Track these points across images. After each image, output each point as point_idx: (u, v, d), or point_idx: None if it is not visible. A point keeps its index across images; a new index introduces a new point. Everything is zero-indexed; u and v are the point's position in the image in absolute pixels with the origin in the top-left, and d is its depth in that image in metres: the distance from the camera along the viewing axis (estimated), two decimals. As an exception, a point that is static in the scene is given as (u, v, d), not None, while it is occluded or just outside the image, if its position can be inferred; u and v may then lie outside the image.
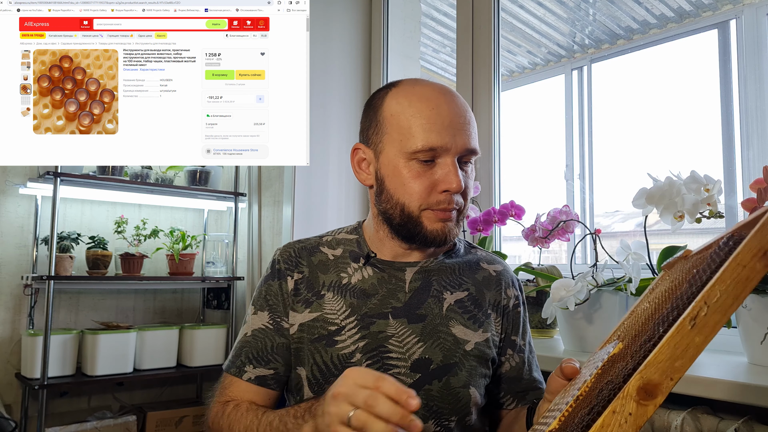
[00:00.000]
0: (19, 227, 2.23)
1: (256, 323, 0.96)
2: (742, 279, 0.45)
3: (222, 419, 0.88)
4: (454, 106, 0.88)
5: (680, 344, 0.45)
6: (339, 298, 0.93)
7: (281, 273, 0.96)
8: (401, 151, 0.87)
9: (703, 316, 0.45)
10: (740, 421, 0.98)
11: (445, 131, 0.85)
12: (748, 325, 1.09)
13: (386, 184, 0.90)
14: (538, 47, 2.45)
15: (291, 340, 0.93)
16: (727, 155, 1.61)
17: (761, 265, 0.46)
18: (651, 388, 0.45)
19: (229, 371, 0.95)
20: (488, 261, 1.03)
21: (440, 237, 0.89)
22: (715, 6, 1.82)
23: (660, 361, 0.45)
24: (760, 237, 0.46)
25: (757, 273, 0.45)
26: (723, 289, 0.45)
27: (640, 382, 0.45)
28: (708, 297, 0.46)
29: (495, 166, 1.87)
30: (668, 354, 0.45)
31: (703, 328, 0.45)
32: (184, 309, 2.70)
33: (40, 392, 1.92)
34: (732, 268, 0.46)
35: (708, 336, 0.45)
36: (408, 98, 0.88)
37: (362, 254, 0.96)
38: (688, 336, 0.45)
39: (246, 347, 0.94)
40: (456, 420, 0.89)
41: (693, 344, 0.45)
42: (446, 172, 0.86)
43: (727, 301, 0.45)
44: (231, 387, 0.93)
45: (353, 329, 0.90)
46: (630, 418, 0.44)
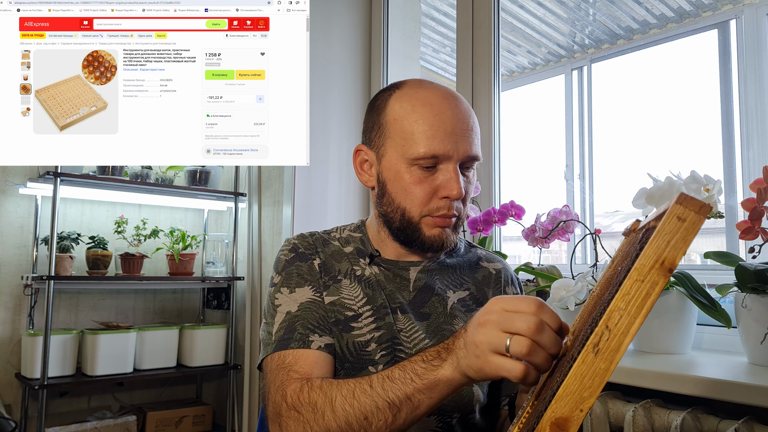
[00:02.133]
0: (19, 227, 2.23)
1: (299, 299, 0.89)
2: (642, 295, 0.45)
3: (312, 392, 0.74)
4: (458, 112, 0.87)
5: (586, 374, 0.45)
6: (356, 285, 0.93)
7: (305, 255, 0.94)
8: (403, 156, 0.87)
9: (606, 341, 0.45)
10: (740, 421, 0.98)
11: (447, 138, 0.85)
12: (748, 325, 1.09)
13: (388, 188, 0.90)
14: (538, 47, 2.45)
15: None
16: (727, 155, 1.61)
17: (660, 276, 0.45)
18: (563, 423, 0.45)
19: (288, 347, 0.83)
20: (488, 260, 1.03)
21: (437, 243, 0.89)
22: (715, 6, 1.82)
23: (567, 395, 0.45)
24: (656, 247, 0.45)
25: (656, 285, 0.45)
26: (622, 309, 0.45)
27: (552, 418, 0.45)
28: (608, 320, 0.46)
29: (495, 166, 1.87)
30: (575, 386, 0.45)
31: (606, 353, 0.45)
32: (184, 309, 2.70)
33: (40, 392, 1.92)
34: (630, 285, 0.46)
35: (613, 360, 0.45)
36: (411, 102, 0.88)
37: (366, 253, 0.96)
38: (593, 364, 0.45)
39: (299, 320, 0.86)
40: (458, 417, 0.90)
41: (599, 371, 0.45)
42: (448, 178, 0.86)
43: (628, 321, 0.45)
44: (299, 362, 0.81)
45: (369, 318, 0.90)
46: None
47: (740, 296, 1.10)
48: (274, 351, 0.84)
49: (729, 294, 1.14)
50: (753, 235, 1.08)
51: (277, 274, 0.94)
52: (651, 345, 1.24)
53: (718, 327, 1.31)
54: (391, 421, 0.68)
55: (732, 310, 1.14)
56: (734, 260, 1.13)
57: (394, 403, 0.67)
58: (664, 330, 1.22)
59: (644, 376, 1.07)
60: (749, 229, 1.08)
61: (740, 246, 1.46)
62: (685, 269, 1.23)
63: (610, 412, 1.16)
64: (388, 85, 0.95)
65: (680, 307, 1.21)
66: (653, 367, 1.08)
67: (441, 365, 0.66)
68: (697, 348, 1.34)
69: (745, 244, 1.33)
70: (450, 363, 0.65)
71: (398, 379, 0.68)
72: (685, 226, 0.45)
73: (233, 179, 2.49)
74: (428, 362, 0.67)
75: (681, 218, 0.45)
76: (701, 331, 1.34)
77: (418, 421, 0.69)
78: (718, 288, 1.14)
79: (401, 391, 0.67)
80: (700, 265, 1.65)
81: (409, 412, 0.67)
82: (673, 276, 1.20)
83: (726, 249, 1.40)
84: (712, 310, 1.15)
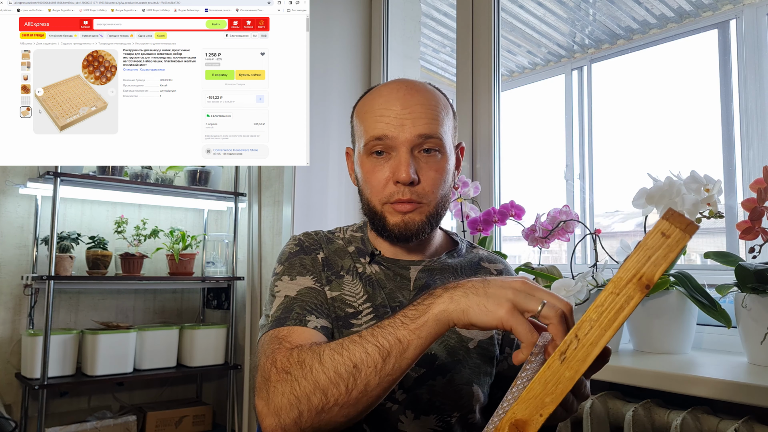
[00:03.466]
0: (19, 227, 2.23)
1: (300, 285, 0.89)
2: (615, 308, 0.44)
3: (301, 352, 0.72)
4: (407, 98, 0.88)
5: (550, 380, 0.45)
6: (357, 282, 0.93)
7: (309, 249, 0.96)
8: (361, 147, 0.91)
9: (574, 350, 0.45)
10: (740, 421, 0.98)
11: (393, 121, 0.87)
12: (748, 325, 1.09)
13: (359, 183, 0.95)
14: (538, 47, 2.45)
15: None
16: (727, 155, 1.61)
17: (636, 291, 0.44)
18: (521, 425, 0.46)
19: (284, 324, 0.81)
20: (489, 260, 1.03)
21: (400, 230, 0.88)
22: (715, 6, 1.82)
23: (530, 398, 0.45)
24: (636, 261, 0.44)
25: (631, 300, 0.44)
26: (593, 320, 0.45)
27: (512, 419, 0.46)
28: (579, 330, 0.45)
29: (495, 166, 1.87)
30: (538, 390, 0.45)
31: (572, 362, 0.45)
32: (184, 309, 2.70)
33: (40, 392, 1.92)
34: (604, 297, 0.45)
35: (579, 369, 0.44)
36: (368, 98, 0.93)
37: (367, 252, 0.97)
38: (558, 371, 0.45)
39: (297, 302, 0.85)
40: (458, 416, 0.90)
41: (563, 379, 0.45)
42: (397, 163, 0.87)
43: (597, 333, 0.44)
44: (292, 335, 0.79)
45: (369, 315, 0.90)
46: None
47: (740, 296, 1.10)
48: (271, 328, 0.83)
49: (729, 294, 1.14)
50: (753, 235, 1.08)
51: (280, 264, 0.95)
52: (651, 345, 1.24)
53: (718, 327, 1.31)
54: (381, 366, 0.66)
55: (732, 310, 1.14)
56: (734, 260, 1.13)
57: (383, 346, 0.66)
58: (664, 330, 1.22)
59: (644, 376, 1.07)
60: (749, 229, 1.08)
61: (740, 246, 1.46)
62: (685, 269, 1.24)
63: (610, 412, 1.16)
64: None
65: (680, 307, 1.21)
66: (653, 367, 1.08)
67: (434, 302, 0.65)
68: (697, 348, 1.34)
69: (745, 244, 1.33)
70: (443, 300, 0.65)
71: (387, 325, 0.67)
72: (668, 242, 0.44)
73: (233, 179, 2.50)
74: (417, 306, 0.66)
75: (665, 234, 0.44)
76: (701, 331, 1.34)
77: (406, 369, 0.67)
78: (718, 288, 1.14)
79: (391, 334, 0.66)
80: (700, 265, 1.65)
81: (398, 355, 0.65)
82: (673, 276, 1.20)
83: (726, 249, 1.40)
84: (712, 310, 1.15)
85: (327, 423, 0.68)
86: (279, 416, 0.69)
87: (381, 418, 0.86)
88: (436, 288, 0.68)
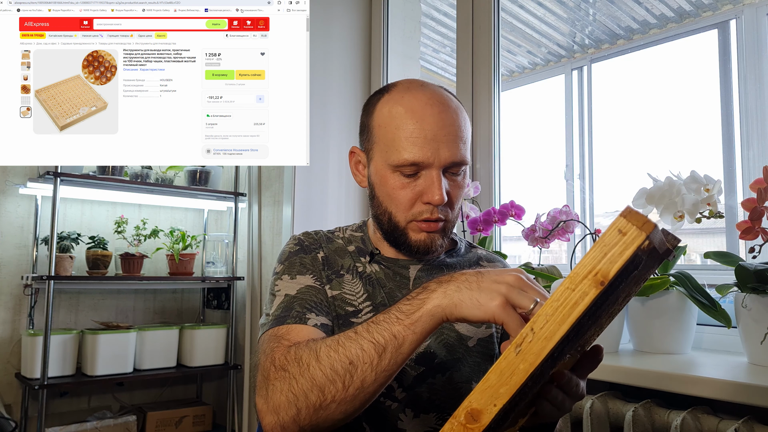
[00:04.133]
0: (19, 227, 2.23)
1: (300, 283, 0.89)
2: (570, 304, 0.44)
3: (298, 349, 0.73)
4: (441, 118, 0.86)
5: (505, 371, 0.46)
6: (357, 281, 0.93)
7: (309, 248, 0.96)
8: (386, 162, 0.88)
9: (528, 343, 0.45)
10: (740, 421, 0.98)
11: (427, 145, 0.85)
12: (748, 325, 1.09)
13: (376, 191, 0.92)
14: (538, 47, 2.45)
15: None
16: (727, 155, 1.61)
17: (591, 288, 0.44)
18: (476, 414, 0.46)
19: (284, 323, 0.82)
20: (488, 260, 1.04)
21: (423, 247, 0.90)
22: (715, 6, 1.82)
23: (486, 388, 0.46)
24: (592, 257, 0.44)
25: (585, 296, 0.44)
26: (549, 314, 0.45)
27: (467, 408, 0.46)
28: (534, 323, 0.45)
29: (495, 166, 1.87)
30: (493, 381, 0.46)
31: (527, 354, 0.45)
32: (184, 309, 2.70)
33: (40, 392, 1.92)
34: (560, 292, 0.45)
35: (533, 362, 0.45)
36: (395, 108, 0.88)
37: (367, 251, 0.97)
38: (513, 363, 0.45)
39: (297, 301, 0.86)
40: None
41: (517, 371, 0.45)
42: (429, 185, 0.86)
43: (552, 328, 0.45)
44: (291, 333, 0.80)
45: (369, 314, 0.90)
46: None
47: (740, 296, 1.10)
48: (269, 328, 0.84)
49: (729, 294, 1.14)
50: (753, 235, 1.08)
51: (280, 263, 0.95)
52: (651, 345, 1.24)
53: (718, 327, 1.31)
54: (377, 362, 0.66)
55: (732, 310, 1.14)
56: (734, 260, 1.13)
57: (378, 342, 0.66)
58: (664, 330, 1.22)
59: (644, 376, 1.07)
60: (749, 229, 1.08)
61: (740, 246, 1.46)
62: (685, 269, 1.24)
63: (610, 412, 1.16)
64: (381, 87, 0.96)
65: (680, 307, 1.21)
66: (653, 367, 1.08)
67: (428, 297, 0.65)
68: (697, 348, 1.34)
69: (745, 244, 1.33)
70: (440, 293, 0.65)
71: (382, 321, 0.68)
72: (624, 240, 0.43)
73: (233, 179, 2.50)
74: (411, 300, 0.67)
75: (622, 231, 0.44)
76: (701, 331, 1.34)
77: (402, 364, 0.67)
78: (718, 288, 1.14)
79: (386, 330, 0.66)
80: (700, 265, 1.65)
81: (393, 351, 0.66)
82: (673, 276, 1.20)
83: (726, 249, 1.40)
84: (712, 310, 1.15)
85: (325, 420, 0.68)
86: (278, 414, 0.69)
87: (380, 417, 0.86)
88: (431, 281, 0.68)
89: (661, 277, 1.19)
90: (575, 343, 0.55)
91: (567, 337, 0.47)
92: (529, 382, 0.47)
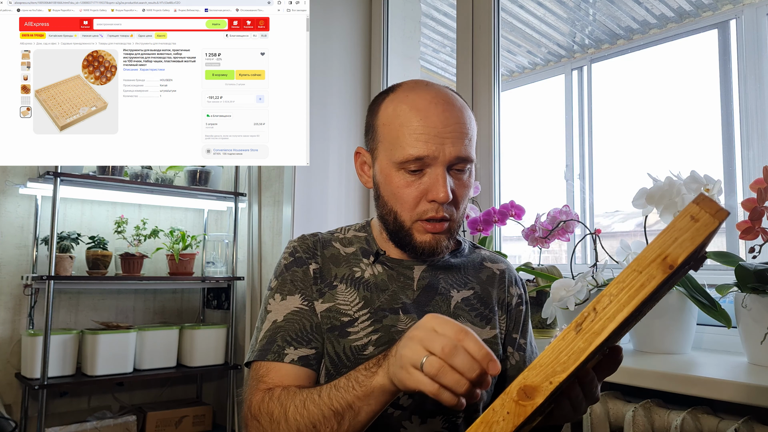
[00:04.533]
0: (19, 227, 2.23)
1: (288, 307, 0.92)
2: (636, 285, 0.44)
3: (271, 402, 0.80)
4: (446, 115, 0.86)
5: (564, 350, 0.45)
6: (352, 290, 0.93)
7: (302, 260, 0.96)
8: (391, 160, 0.88)
9: (590, 322, 0.45)
10: (740, 421, 0.98)
11: (431, 141, 0.85)
12: (748, 325, 1.09)
13: (381, 191, 0.92)
14: (538, 47, 2.45)
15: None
16: (727, 155, 1.61)
17: (659, 271, 0.44)
18: (530, 390, 0.46)
19: (264, 359, 0.88)
20: (492, 260, 1.03)
21: (429, 249, 0.89)
22: (715, 6, 1.82)
23: (542, 365, 0.46)
24: (662, 242, 0.44)
25: (652, 279, 0.44)
26: (613, 294, 0.45)
27: (521, 384, 0.46)
28: (597, 302, 0.45)
29: (495, 166, 1.87)
30: (551, 358, 0.45)
31: (587, 333, 0.45)
32: (184, 309, 2.70)
33: (40, 392, 1.92)
34: (626, 274, 0.45)
35: (593, 342, 0.44)
36: (400, 107, 0.89)
37: (372, 252, 0.96)
38: (572, 342, 0.45)
39: (281, 332, 0.90)
40: (463, 417, 0.90)
41: (576, 349, 0.45)
42: (434, 181, 0.86)
43: (615, 308, 0.44)
44: (270, 374, 0.86)
45: (366, 321, 0.90)
46: (508, 416, 0.45)
47: (740, 296, 1.10)
48: (255, 359, 0.90)
49: (729, 294, 1.14)
50: (753, 235, 1.08)
51: (275, 278, 0.96)
52: (651, 345, 1.24)
53: (718, 327, 1.31)
54: (336, 428, 0.71)
55: (732, 310, 1.14)
56: (734, 260, 1.13)
57: (337, 411, 0.71)
58: (664, 330, 1.22)
59: (644, 376, 1.07)
60: (749, 229, 1.08)
61: (740, 246, 1.46)
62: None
63: (610, 412, 1.16)
64: (386, 88, 0.96)
65: (680, 307, 1.21)
66: (653, 367, 1.08)
67: (376, 372, 0.69)
68: (697, 348, 1.34)
69: (745, 244, 1.33)
70: (383, 370, 0.69)
71: (342, 387, 0.72)
72: (696, 226, 0.44)
73: (233, 179, 2.49)
74: (368, 370, 0.71)
75: (694, 218, 0.44)
76: (701, 331, 1.34)
77: (363, 428, 0.72)
78: (718, 288, 1.14)
79: (344, 399, 0.71)
80: (700, 265, 1.64)
81: (351, 419, 0.71)
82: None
83: (726, 249, 1.40)
84: (712, 310, 1.15)
85: None
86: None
87: (384, 425, 0.86)
88: (390, 348, 0.71)
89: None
90: (620, 333, 0.54)
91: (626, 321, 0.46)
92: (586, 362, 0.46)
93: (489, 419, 0.45)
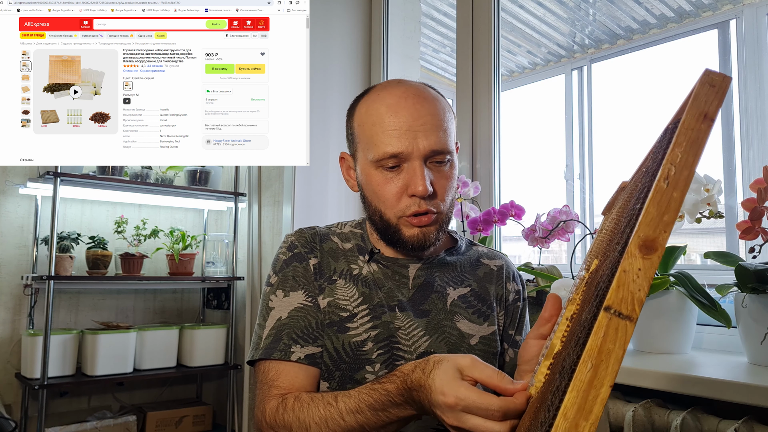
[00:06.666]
0: (19, 227, 2.23)
1: (292, 304, 0.91)
2: (694, 140, 0.50)
3: (286, 413, 0.79)
4: (416, 108, 0.86)
5: (662, 201, 0.48)
6: (351, 285, 0.93)
7: (301, 256, 0.95)
8: (369, 160, 0.88)
9: (674, 174, 0.49)
10: (740, 421, 0.98)
11: (404, 136, 0.85)
12: (748, 325, 1.09)
13: (365, 192, 0.93)
14: (538, 47, 2.45)
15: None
16: (727, 155, 1.61)
17: (704, 127, 0.50)
18: (650, 243, 0.47)
19: (271, 357, 0.87)
20: (489, 257, 1.03)
21: (418, 242, 0.89)
22: (715, 6, 1.82)
23: (650, 219, 0.48)
24: (698, 103, 0.51)
25: (702, 134, 0.50)
26: (682, 150, 0.50)
27: (639, 241, 0.47)
28: (672, 158, 0.50)
29: (495, 166, 1.87)
30: (655, 211, 0.48)
31: (677, 183, 0.49)
32: (184, 309, 2.70)
33: (40, 392, 1.92)
34: (683, 133, 0.50)
35: (683, 189, 0.48)
36: (371, 106, 0.89)
37: (366, 250, 0.97)
38: (666, 193, 0.48)
39: (286, 329, 0.89)
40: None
41: (673, 198, 0.48)
42: (411, 176, 0.86)
43: (689, 158, 0.49)
44: (280, 377, 0.86)
45: (365, 317, 0.90)
46: (640, 272, 0.47)
47: (740, 296, 1.10)
48: (260, 357, 0.88)
49: (729, 294, 1.14)
50: (753, 235, 1.08)
51: (275, 274, 0.95)
52: (651, 345, 1.24)
53: (718, 327, 1.31)
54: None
55: (732, 310, 1.14)
56: (734, 260, 1.13)
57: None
58: (664, 330, 1.22)
59: (644, 376, 1.07)
60: (749, 229, 1.08)
61: (740, 246, 1.46)
62: (685, 269, 1.24)
63: (610, 412, 1.16)
64: (362, 91, 0.97)
65: (680, 307, 1.21)
66: (653, 367, 1.08)
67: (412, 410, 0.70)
68: (697, 348, 1.34)
69: (745, 244, 1.33)
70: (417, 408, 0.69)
71: (371, 416, 0.72)
72: (715, 90, 0.50)
73: (233, 179, 2.49)
74: (399, 406, 0.70)
75: (713, 85, 0.50)
76: (701, 331, 1.34)
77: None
78: (718, 288, 1.14)
79: (372, 428, 0.72)
80: (700, 265, 1.65)
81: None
82: (673, 276, 1.20)
83: (726, 249, 1.40)
84: (712, 310, 1.15)
85: None
86: None
87: None
88: (407, 384, 0.70)
89: (661, 277, 1.19)
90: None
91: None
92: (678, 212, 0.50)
93: (624, 281, 0.47)
